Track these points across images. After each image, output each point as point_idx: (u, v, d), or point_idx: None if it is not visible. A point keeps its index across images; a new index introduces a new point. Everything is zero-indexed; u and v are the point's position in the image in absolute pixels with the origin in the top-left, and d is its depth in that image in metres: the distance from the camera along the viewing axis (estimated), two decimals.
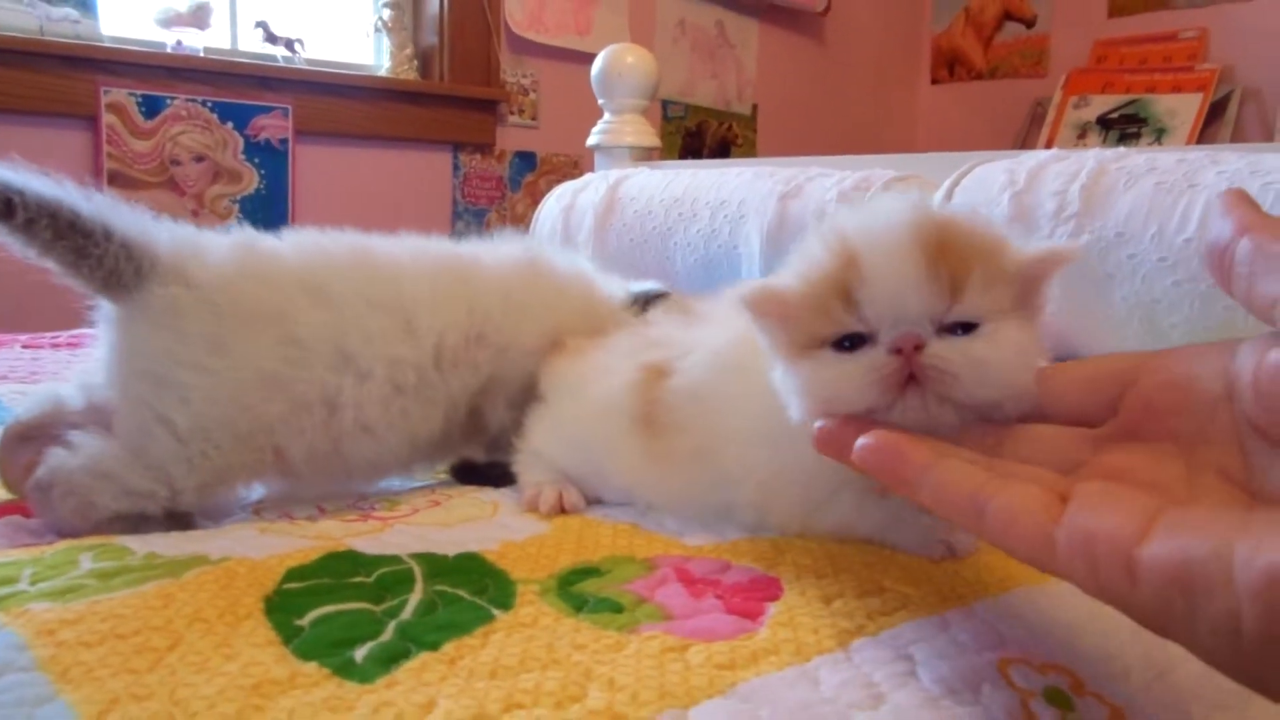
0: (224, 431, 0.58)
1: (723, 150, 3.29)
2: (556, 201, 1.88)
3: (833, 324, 0.46)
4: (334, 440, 0.62)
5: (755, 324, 0.49)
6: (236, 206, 2.30)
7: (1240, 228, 0.38)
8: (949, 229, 0.46)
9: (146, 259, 0.58)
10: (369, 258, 0.66)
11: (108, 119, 2.10)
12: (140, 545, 0.51)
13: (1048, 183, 1.27)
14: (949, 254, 0.45)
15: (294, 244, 0.65)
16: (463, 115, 2.67)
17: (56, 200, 0.56)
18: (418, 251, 0.70)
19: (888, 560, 0.51)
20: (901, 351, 0.44)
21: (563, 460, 0.65)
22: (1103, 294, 1.21)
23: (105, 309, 0.60)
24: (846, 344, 0.46)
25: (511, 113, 2.79)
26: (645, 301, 0.77)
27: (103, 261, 0.57)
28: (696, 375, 0.58)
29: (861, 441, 0.41)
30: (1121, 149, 1.30)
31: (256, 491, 0.66)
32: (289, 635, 0.41)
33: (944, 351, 0.44)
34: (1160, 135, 2.97)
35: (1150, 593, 0.32)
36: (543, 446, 0.66)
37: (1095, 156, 1.28)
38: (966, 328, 0.45)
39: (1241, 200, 0.39)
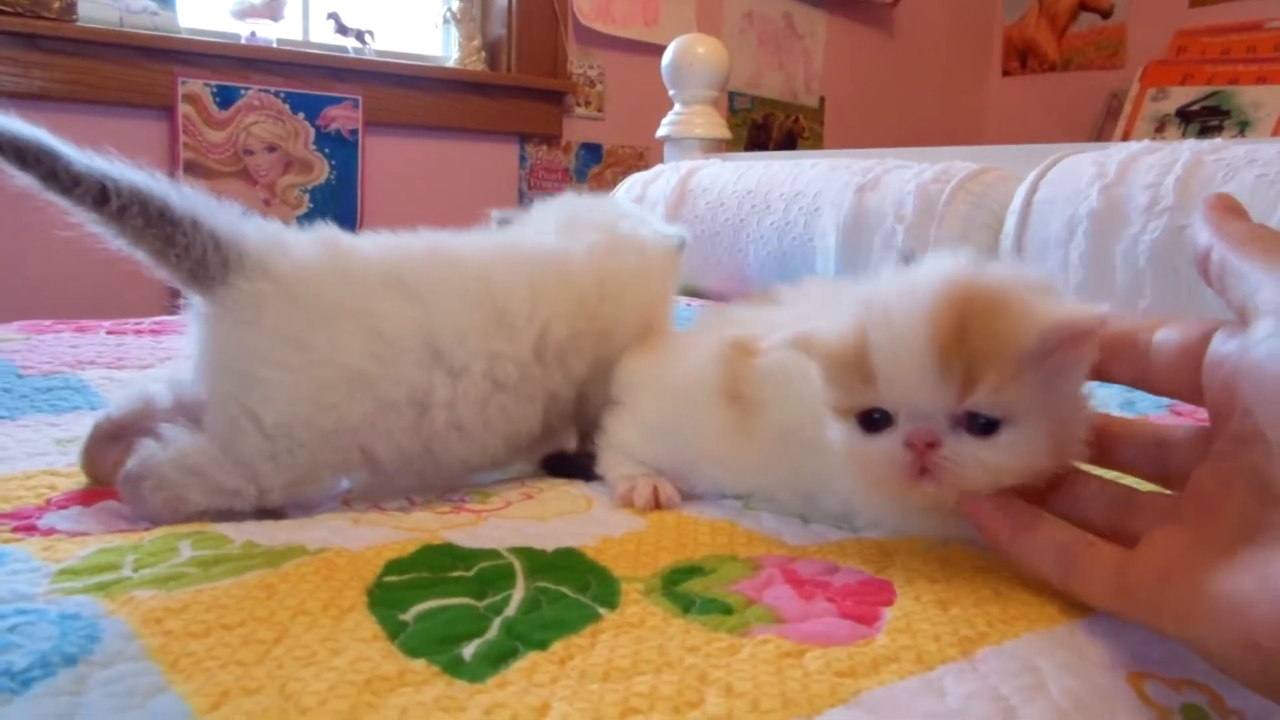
0: (307, 429, 0.58)
1: (789, 143, 3.25)
2: (626, 193, 1.87)
3: (856, 396, 0.46)
4: (424, 441, 0.61)
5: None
6: (307, 196, 2.32)
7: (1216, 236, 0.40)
8: (971, 312, 0.43)
9: (234, 251, 0.58)
10: (452, 253, 0.66)
11: (184, 109, 2.13)
12: (238, 533, 0.50)
13: (1140, 175, 1.23)
14: (966, 343, 0.43)
15: (375, 241, 0.65)
16: (529, 107, 2.68)
17: (148, 188, 0.56)
18: (503, 246, 0.69)
19: (1001, 564, 0.49)
20: (914, 446, 0.44)
21: (647, 454, 0.64)
22: (1197, 292, 1.16)
23: (195, 305, 0.60)
24: (875, 416, 0.46)
25: (578, 104, 2.79)
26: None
27: (189, 251, 0.57)
28: (778, 356, 0.57)
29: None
30: (1218, 140, 1.25)
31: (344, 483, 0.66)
32: (394, 630, 0.40)
33: (957, 455, 0.44)
34: (1244, 128, 2.88)
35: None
36: (627, 442, 0.65)
37: (1190, 148, 1.23)
38: (987, 423, 0.44)
39: (1218, 208, 0.41)
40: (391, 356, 0.59)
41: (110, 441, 0.63)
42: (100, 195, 0.55)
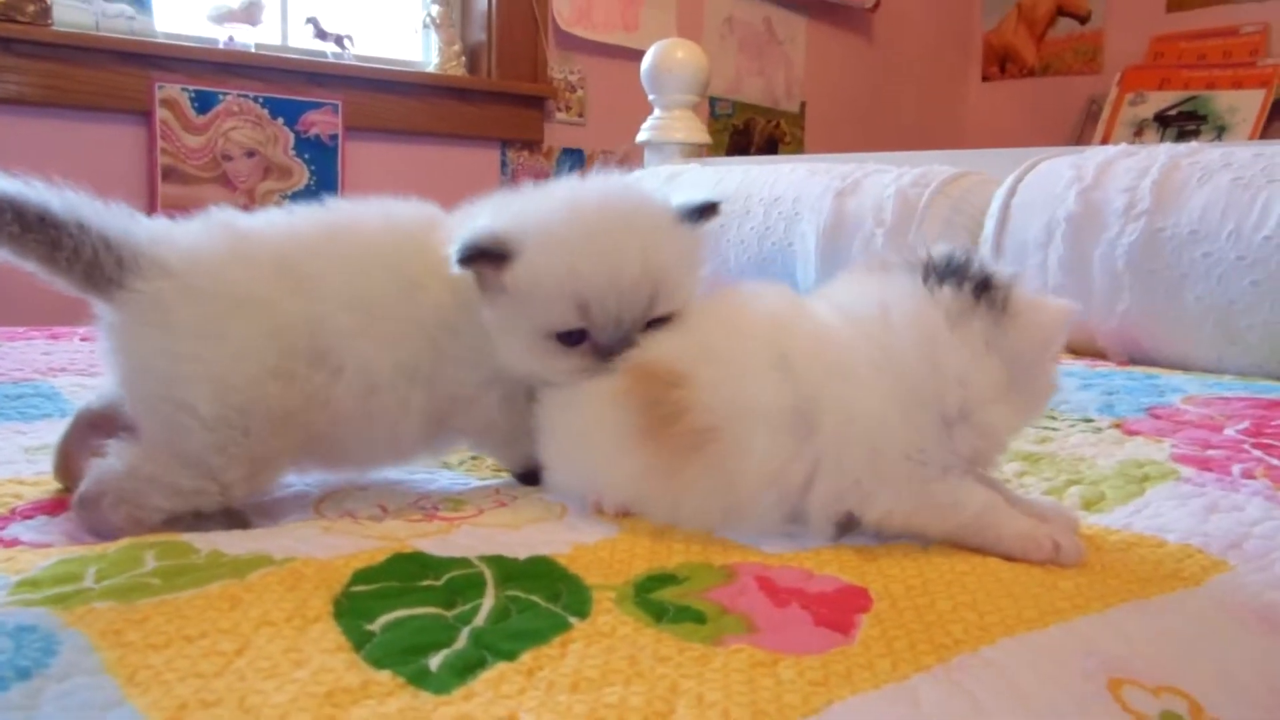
0: (247, 416, 0.57)
1: (770, 148, 3.25)
2: None
3: None
4: (330, 425, 0.60)
5: None
6: (287, 202, 2.30)
7: None
8: None
9: (127, 250, 0.57)
10: (349, 240, 0.64)
11: (162, 114, 2.11)
12: (204, 543, 0.49)
13: (1117, 178, 1.23)
14: None
15: (268, 223, 0.63)
16: (510, 112, 2.67)
17: (22, 195, 0.55)
18: (403, 238, 0.66)
19: (980, 569, 0.49)
20: None
21: (577, 484, 0.61)
22: (1174, 295, 1.16)
23: (102, 319, 0.59)
24: None
25: (559, 109, 2.78)
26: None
27: (79, 254, 0.56)
28: (762, 386, 0.55)
29: None
30: (1194, 144, 1.26)
31: (314, 489, 0.65)
32: (359, 641, 0.39)
33: None
34: (1221, 133, 2.90)
35: None
36: (554, 479, 0.63)
37: (1167, 151, 1.24)
38: None
39: None
40: (292, 353, 0.58)
41: (89, 432, 0.63)
42: None
